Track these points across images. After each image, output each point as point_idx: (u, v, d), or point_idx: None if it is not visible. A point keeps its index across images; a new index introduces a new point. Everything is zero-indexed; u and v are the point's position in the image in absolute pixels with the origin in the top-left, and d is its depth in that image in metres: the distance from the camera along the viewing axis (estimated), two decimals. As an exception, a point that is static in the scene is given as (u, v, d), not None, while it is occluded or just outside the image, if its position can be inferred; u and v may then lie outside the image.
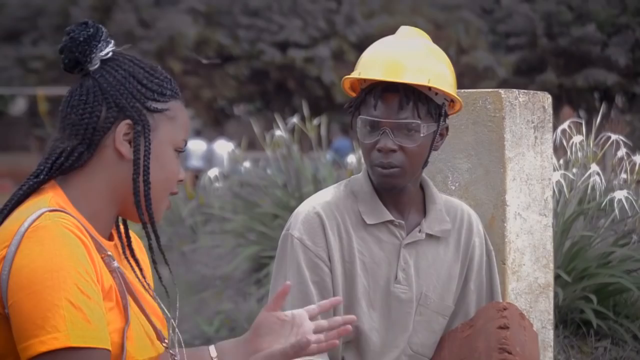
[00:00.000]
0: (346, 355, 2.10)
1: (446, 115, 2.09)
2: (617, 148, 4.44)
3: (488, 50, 21.28)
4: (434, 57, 2.08)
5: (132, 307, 1.57)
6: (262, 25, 21.01)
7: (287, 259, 2.07)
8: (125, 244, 1.70)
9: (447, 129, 2.11)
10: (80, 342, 1.41)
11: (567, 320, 3.90)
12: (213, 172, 8.57)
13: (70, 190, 1.57)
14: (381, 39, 2.18)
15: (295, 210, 2.11)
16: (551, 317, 2.89)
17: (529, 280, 2.79)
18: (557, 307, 3.66)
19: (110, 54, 1.58)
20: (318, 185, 6.07)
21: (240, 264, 6.27)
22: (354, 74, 2.06)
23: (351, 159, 7.54)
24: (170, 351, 1.63)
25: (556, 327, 3.73)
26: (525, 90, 2.82)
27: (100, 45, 1.57)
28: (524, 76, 21.00)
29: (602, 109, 6.11)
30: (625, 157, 4.41)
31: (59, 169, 1.56)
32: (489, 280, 2.22)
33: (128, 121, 1.56)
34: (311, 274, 2.03)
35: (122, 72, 1.58)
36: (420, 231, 2.11)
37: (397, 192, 2.09)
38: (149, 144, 1.57)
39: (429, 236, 2.12)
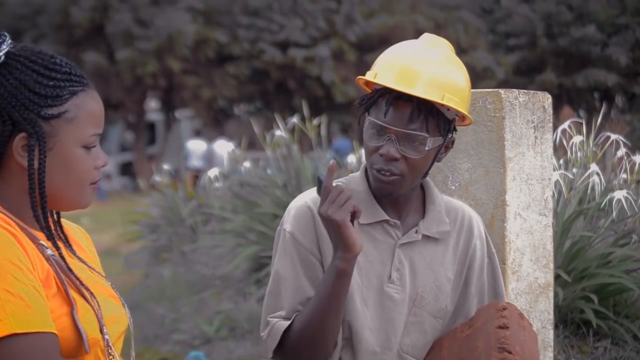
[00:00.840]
0: (343, 355, 2.10)
1: (454, 130, 2.08)
2: (617, 148, 4.44)
3: (488, 50, 21.30)
4: (453, 72, 2.04)
5: (79, 290, 1.58)
6: (262, 25, 21.02)
7: (279, 253, 2.09)
8: (54, 230, 1.66)
9: (452, 142, 2.10)
10: (23, 327, 1.44)
11: (567, 320, 3.90)
12: (213, 172, 8.58)
13: None
14: (404, 42, 2.13)
15: (289, 206, 2.12)
16: (551, 317, 2.89)
17: (529, 280, 2.80)
18: (557, 307, 3.66)
19: (2, 58, 1.55)
20: (318, 185, 6.07)
21: (240, 264, 6.28)
22: (369, 75, 2.03)
23: (351, 159, 7.54)
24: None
25: (556, 327, 3.73)
26: (525, 90, 2.82)
27: (1, 44, 1.55)
28: (524, 76, 21.02)
29: (602, 109, 6.12)
30: (625, 157, 4.41)
31: None
32: (492, 284, 2.21)
33: (23, 134, 1.55)
34: (304, 268, 2.04)
35: (12, 81, 1.55)
36: (417, 232, 2.10)
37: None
38: (45, 154, 1.56)
39: (426, 237, 2.11)
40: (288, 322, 2.02)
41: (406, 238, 2.09)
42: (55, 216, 1.68)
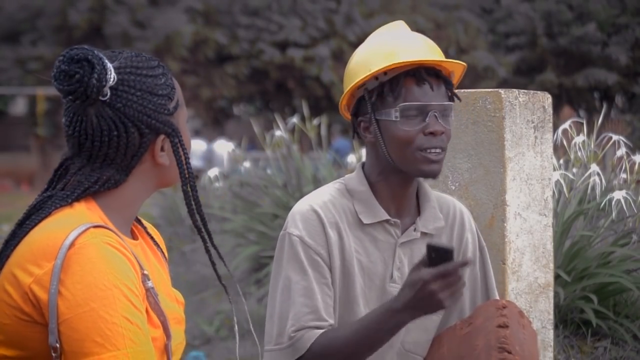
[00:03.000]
0: None
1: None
2: (617, 148, 4.44)
3: (488, 50, 21.29)
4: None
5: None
6: (261, 25, 21.01)
7: (287, 258, 2.04)
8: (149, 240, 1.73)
9: None
10: (137, 359, 1.45)
11: (567, 320, 3.90)
12: (213, 172, 8.57)
13: (103, 202, 1.58)
14: (376, 35, 2.14)
15: (292, 210, 2.09)
16: (551, 317, 2.89)
17: (529, 280, 2.79)
18: (557, 307, 3.66)
19: (116, 78, 1.55)
20: (318, 185, 6.08)
21: (240, 263, 6.28)
22: (385, 62, 1.99)
23: (351, 159, 7.54)
24: None
25: (556, 327, 3.73)
26: (525, 90, 2.82)
27: (108, 76, 1.54)
28: (524, 76, 21.00)
29: (603, 109, 6.12)
30: (625, 157, 4.41)
31: (92, 194, 1.58)
32: (483, 276, 2.22)
33: (162, 136, 1.59)
34: (313, 271, 2.02)
35: (135, 91, 1.56)
36: (415, 230, 2.10)
37: (404, 190, 2.08)
38: (184, 147, 1.61)
39: (424, 234, 2.12)
40: (318, 332, 1.98)
41: (406, 237, 2.10)
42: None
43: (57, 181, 1.60)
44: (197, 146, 19.38)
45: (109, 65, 1.54)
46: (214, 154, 18.37)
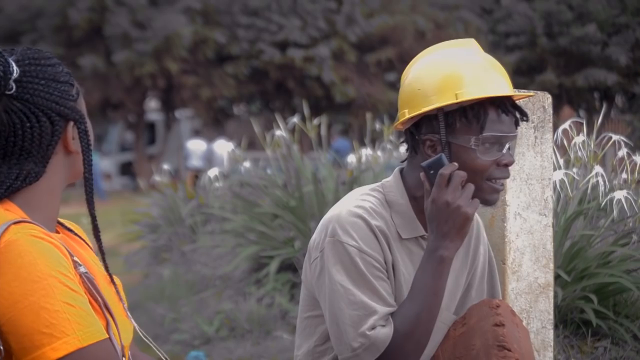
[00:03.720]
0: None
1: None
2: (618, 148, 4.44)
3: (488, 50, 21.19)
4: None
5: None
6: (261, 25, 21.01)
7: (344, 266, 1.97)
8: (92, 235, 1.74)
9: None
10: (88, 340, 1.45)
11: (567, 320, 3.90)
12: (213, 172, 8.57)
13: (22, 201, 1.58)
14: (454, 54, 2.06)
15: (336, 217, 2.01)
16: (551, 317, 2.88)
17: (529, 280, 2.79)
18: (557, 307, 3.66)
19: (18, 71, 1.56)
20: (318, 185, 6.08)
21: (240, 263, 6.27)
22: (467, 94, 1.93)
23: (351, 159, 7.54)
24: None
25: (556, 327, 3.73)
26: (525, 90, 2.82)
27: (11, 69, 1.54)
28: (524, 76, 20.99)
29: (603, 109, 6.12)
30: (625, 157, 4.41)
31: (13, 191, 1.57)
32: (490, 290, 2.21)
33: (71, 123, 1.61)
34: (372, 276, 1.97)
35: (39, 80, 1.57)
36: None
37: None
38: (89, 133, 1.63)
39: None
40: (389, 329, 1.93)
41: None
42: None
43: None
44: (197, 146, 19.39)
45: (10, 59, 1.55)
46: (214, 154, 18.38)
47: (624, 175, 4.45)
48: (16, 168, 1.56)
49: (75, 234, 1.76)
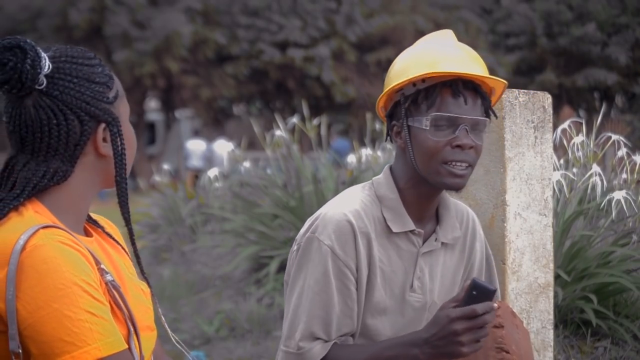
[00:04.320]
0: None
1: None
2: (617, 148, 4.44)
3: (488, 50, 21.30)
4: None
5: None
6: (261, 25, 21.02)
7: (313, 264, 2.00)
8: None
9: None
10: (109, 350, 1.45)
11: (567, 320, 3.90)
12: (213, 172, 8.57)
13: (51, 203, 1.57)
14: (424, 40, 2.10)
15: (323, 214, 2.04)
16: (551, 317, 2.88)
17: (529, 280, 2.79)
18: (557, 307, 3.66)
19: (51, 66, 1.54)
20: (318, 185, 6.08)
21: (240, 263, 6.28)
22: (422, 71, 1.96)
23: (351, 158, 7.54)
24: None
25: (556, 327, 3.73)
26: (525, 90, 2.82)
27: (42, 63, 1.53)
28: (524, 76, 21.01)
29: (602, 109, 6.12)
30: (625, 157, 4.41)
31: (41, 190, 1.56)
32: (488, 283, 2.21)
33: (103, 125, 1.57)
34: (337, 282, 1.98)
35: (72, 79, 1.55)
36: (436, 240, 2.08)
37: (430, 200, 2.06)
38: (123, 138, 1.60)
39: (444, 244, 2.11)
40: (325, 351, 1.97)
41: (427, 247, 2.08)
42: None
43: (5, 182, 1.58)
44: (197, 146, 19.39)
45: (43, 54, 1.54)
46: (214, 154, 18.37)
47: (623, 175, 4.45)
48: (43, 165, 1.55)
49: (107, 234, 1.74)
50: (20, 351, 1.44)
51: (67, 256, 1.47)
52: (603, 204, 4.03)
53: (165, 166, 11.32)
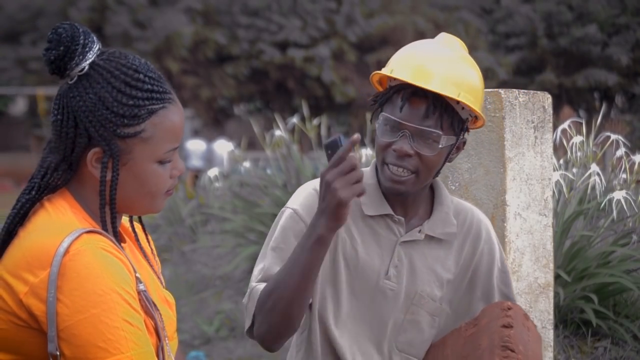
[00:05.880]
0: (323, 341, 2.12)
1: (467, 130, 2.07)
2: (617, 148, 4.45)
3: (488, 51, 21.30)
4: (468, 71, 2.04)
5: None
6: (261, 25, 21.02)
7: (280, 227, 2.08)
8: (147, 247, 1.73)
9: (464, 143, 2.09)
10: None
11: (567, 320, 3.90)
12: (213, 172, 8.57)
13: (80, 199, 1.58)
14: (420, 41, 2.15)
15: (296, 191, 2.13)
16: (551, 317, 2.89)
17: (529, 280, 2.80)
18: (557, 307, 3.67)
19: (86, 68, 1.54)
20: (318, 185, 6.07)
21: (240, 263, 6.28)
22: (385, 70, 2.04)
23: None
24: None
25: (556, 327, 3.73)
26: (525, 90, 2.82)
27: (93, 46, 1.55)
28: (524, 76, 21.01)
29: (602, 109, 6.12)
30: (624, 157, 4.41)
31: (48, 186, 1.57)
32: (503, 290, 2.19)
33: (97, 149, 1.54)
34: (296, 240, 1.99)
35: (92, 96, 1.52)
36: (420, 231, 2.10)
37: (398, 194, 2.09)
38: (117, 171, 1.55)
39: (430, 237, 2.11)
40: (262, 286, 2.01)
41: (408, 236, 2.10)
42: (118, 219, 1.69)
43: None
44: (197, 146, 19.39)
45: (98, 45, 1.58)
46: (214, 154, 18.37)
47: (623, 175, 4.45)
48: (50, 156, 1.58)
49: (137, 239, 1.74)
50: (58, 353, 1.45)
51: (108, 263, 1.48)
52: (603, 204, 4.03)
53: (165, 166, 11.29)
